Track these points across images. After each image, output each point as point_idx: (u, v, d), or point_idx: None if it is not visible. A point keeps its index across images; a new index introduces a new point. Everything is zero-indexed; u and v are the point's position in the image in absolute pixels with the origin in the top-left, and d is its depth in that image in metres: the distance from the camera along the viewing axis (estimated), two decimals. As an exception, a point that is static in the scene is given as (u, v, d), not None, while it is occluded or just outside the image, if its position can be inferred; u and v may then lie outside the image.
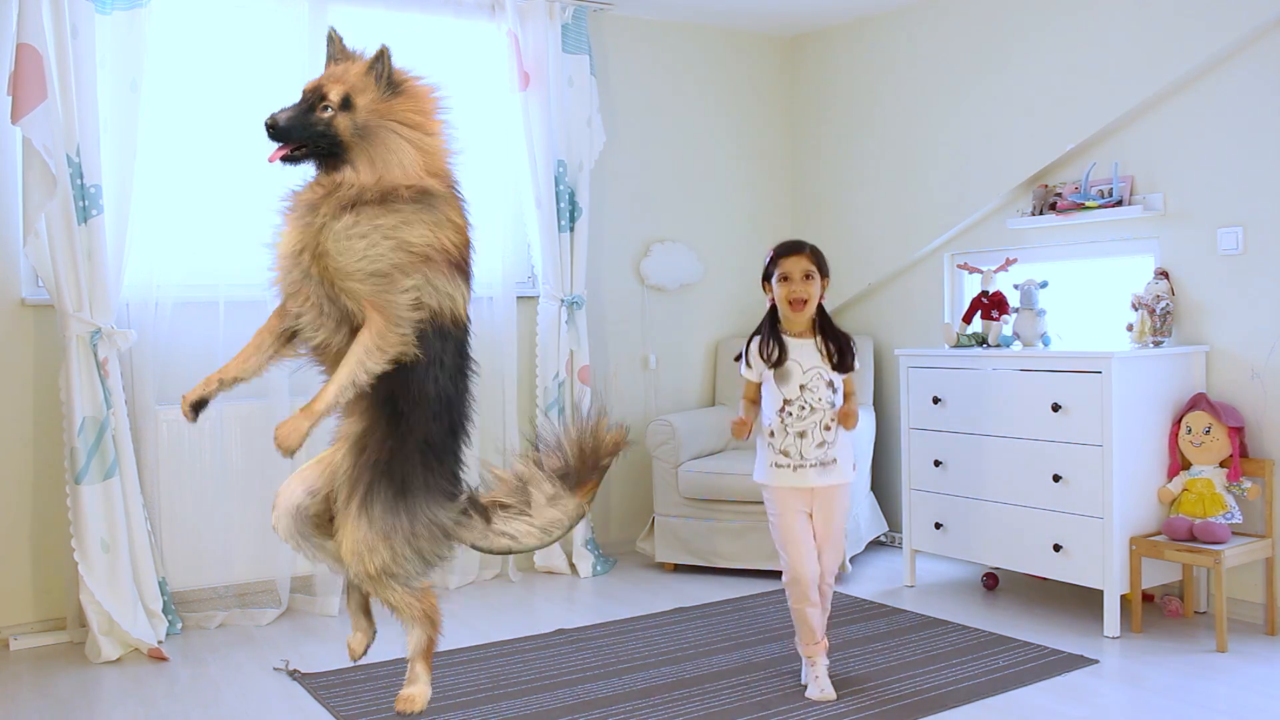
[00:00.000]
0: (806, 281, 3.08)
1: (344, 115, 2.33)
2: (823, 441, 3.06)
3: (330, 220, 2.27)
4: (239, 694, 3.23)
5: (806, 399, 3.05)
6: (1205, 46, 3.76)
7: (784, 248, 3.15)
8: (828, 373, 3.07)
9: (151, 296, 3.88)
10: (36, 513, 3.83)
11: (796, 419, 3.05)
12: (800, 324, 3.11)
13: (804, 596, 3.05)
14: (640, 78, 5.11)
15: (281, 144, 2.29)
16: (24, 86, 3.46)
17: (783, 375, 3.06)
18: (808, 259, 3.11)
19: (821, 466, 3.06)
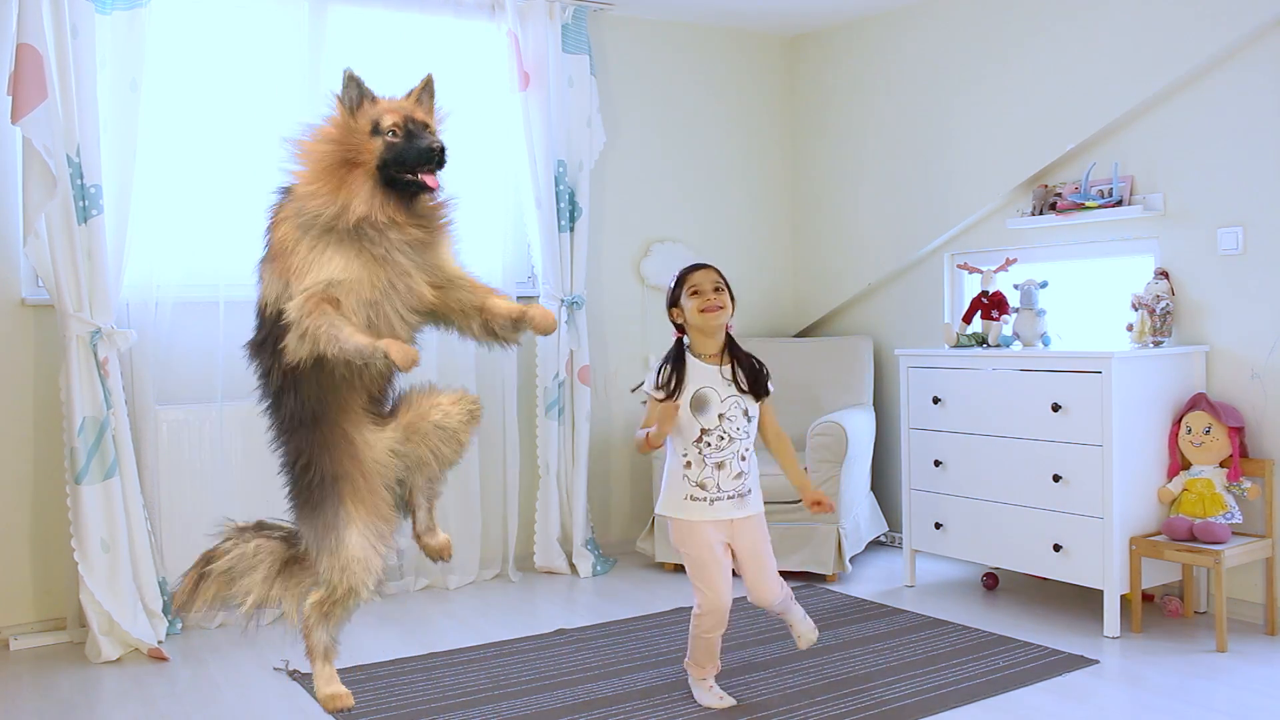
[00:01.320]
0: (717, 293, 2.96)
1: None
2: (740, 473, 2.96)
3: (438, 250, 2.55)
4: (239, 694, 3.23)
5: (725, 428, 2.94)
6: (1205, 46, 3.76)
7: (689, 267, 3.04)
8: (744, 400, 2.96)
9: (151, 296, 3.88)
10: (36, 513, 3.83)
11: (715, 449, 2.93)
12: (713, 345, 2.99)
13: (718, 625, 2.97)
14: (640, 78, 5.11)
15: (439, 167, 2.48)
16: (24, 86, 3.46)
17: (699, 403, 2.94)
18: (715, 273, 3.01)
19: (739, 498, 2.97)
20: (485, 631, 3.82)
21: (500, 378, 4.57)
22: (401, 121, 2.43)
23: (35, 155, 3.51)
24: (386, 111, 2.44)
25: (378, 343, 2.36)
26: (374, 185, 2.42)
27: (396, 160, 2.42)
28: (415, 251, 2.46)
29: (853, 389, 4.90)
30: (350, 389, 2.53)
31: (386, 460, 2.58)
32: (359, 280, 2.40)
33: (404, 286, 2.44)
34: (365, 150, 2.42)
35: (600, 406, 4.96)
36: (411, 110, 2.48)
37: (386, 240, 2.41)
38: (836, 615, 3.91)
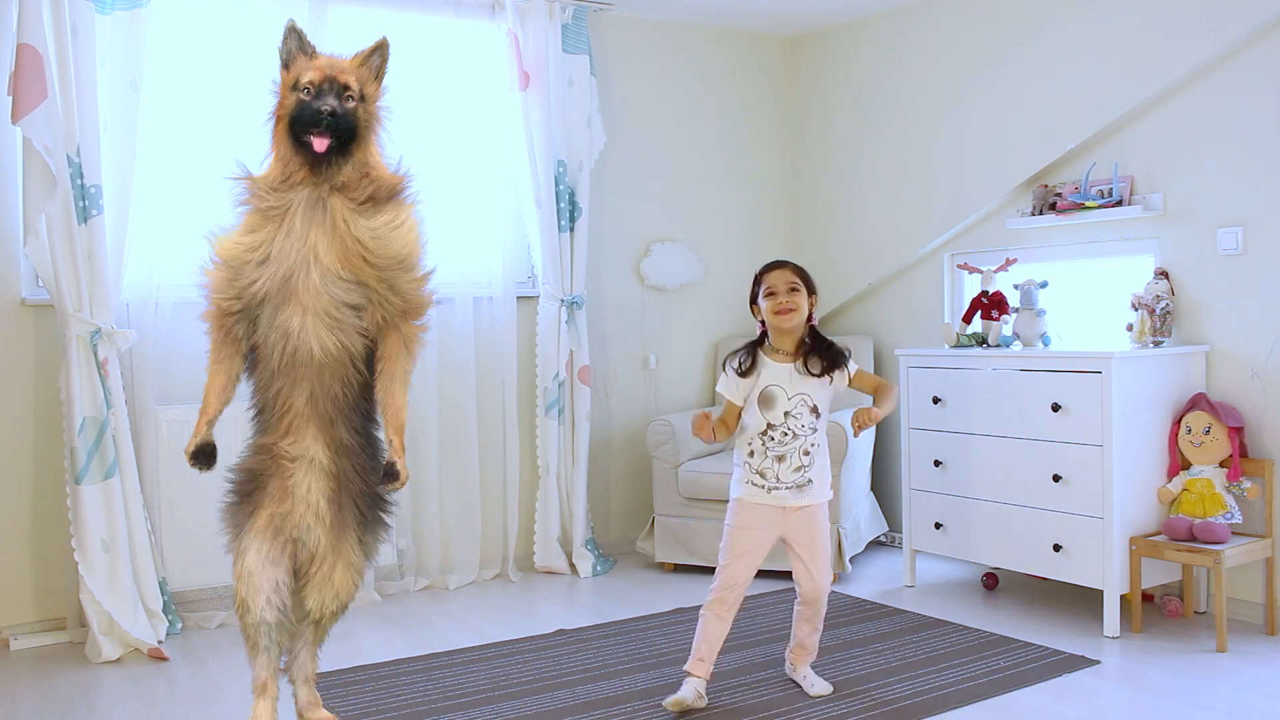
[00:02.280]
0: (792, 294, 3.03)
1: (361, 107, 2.38)
2: (800, 466, 3.02)
3: (357, 217, 2.32)
4: (239, 694, 3.23)
5: (790, 425, 3.01)
6: (1205, 46, 3.76)
7: (767, 266, 3.12)
8: (813, 399, 3.03)
9: (151, 296, 3.89)
10: (36, 513, 3.83)
11: (778, 444, 3.01)
12: (789, 343, 3.06)
13: (722, 602, 3.02)
14: (640, 78, 5.11)
15: (331, 134, 2.30)
16: (24, 86, 3.46)
17: (767, 400, 3.02)
18: (791, 271, 3.07)
19: (797, 489, 3.02)
20: (485, 632, 3.82)
21: (500, 377, 4.58)
22: (319, 80, 2.32)
23: (35, 155, 3.51)
24: (311, 68, 2.35)
25: (193, 437, 2.41)
26: (286, 142, 2.35)
27: (295, 118, 2.31)
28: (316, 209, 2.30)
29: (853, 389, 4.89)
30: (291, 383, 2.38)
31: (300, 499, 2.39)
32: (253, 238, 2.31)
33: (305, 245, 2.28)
34: (284, 105, 2.37)
35: (600, 406, 4.96)
36: (340, 71, 2.35)
37: (284, 199, 2.31)
38: (836, 615, 3.91)
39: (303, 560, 2.45)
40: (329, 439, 2.40)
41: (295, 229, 2.30)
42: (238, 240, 2.33)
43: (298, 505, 2.40)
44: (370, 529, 2.51)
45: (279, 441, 2.40)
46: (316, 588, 2.44)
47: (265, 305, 2.33)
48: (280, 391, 2.38)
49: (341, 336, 2.35)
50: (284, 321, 2.31)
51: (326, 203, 2.33)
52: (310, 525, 2.41)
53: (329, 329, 2.32)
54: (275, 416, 2.41)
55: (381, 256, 2.33)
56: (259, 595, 2.39)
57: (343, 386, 2.39)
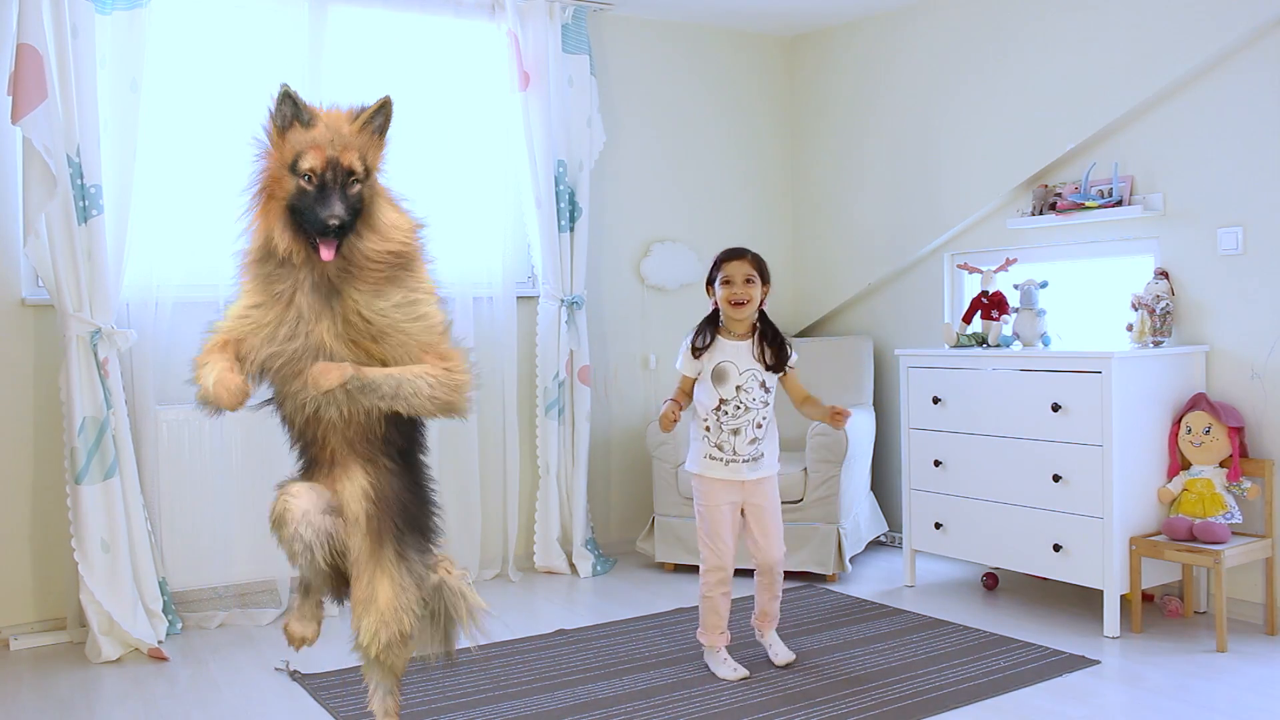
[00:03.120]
0: (747, 285, 3.23)
1: (365, 185, 2.19)
2: (755, 439, 3.24)
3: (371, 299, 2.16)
4: (239, 694, 3.23)
5: (741, 399, 3.23)
6: (1205, 46, 3.76)
7: (726, 253, 3.30)
8: (762, 374, 3.25)
9: (151, 296, 3.89)
10: (36, 513, 3.82)
11: (731, 417, 3.23)
12: (740, 327, 3.27)
13: (721, 583, 3.25)
14: (640, 78, 5.11)
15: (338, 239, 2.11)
16: (24, 86, 3.46)
17: (719, 375, 3.24)
18: (749, 264, 3.26)
19: (753, 461, 3.25)
20: (485, 631, 3.81)
21: (500, 378, 4.57)
22: (321, 166, 2.10)
23: (35, 155, 3.51)
24: (310, 149, 2.11)
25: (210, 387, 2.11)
26: (286, 223, 2.13)
27: (296, 212, 2.11)
28: (319, 294, 2.14)
29: (853, 389, 4.90)
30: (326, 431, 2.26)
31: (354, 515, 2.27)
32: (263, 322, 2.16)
33: (306, 333, 2.13)
34: (281, 186, 2.13)
35: (600, 406, 4.96)
36: (343, 148, 2.14)
37: (292, 279, 2.14)
38: (836, 615, 3.91)
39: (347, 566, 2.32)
40: (374, 468, 2.30)
41: (304, 316, 2.15)
42: (244, 315, 2.17)
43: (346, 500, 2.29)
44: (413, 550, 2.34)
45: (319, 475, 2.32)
46: (363, 610, 2.26)
47: (274, 374, 2.21)
48: (314, 439, 2.30)
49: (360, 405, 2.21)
50: (296, 392, 2.20)
51: (336, 287, 2.16)
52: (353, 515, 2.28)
53: (344, 401, 2.20)
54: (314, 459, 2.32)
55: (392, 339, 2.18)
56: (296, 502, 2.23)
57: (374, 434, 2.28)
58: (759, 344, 3.27)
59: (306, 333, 2.14)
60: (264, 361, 2.17)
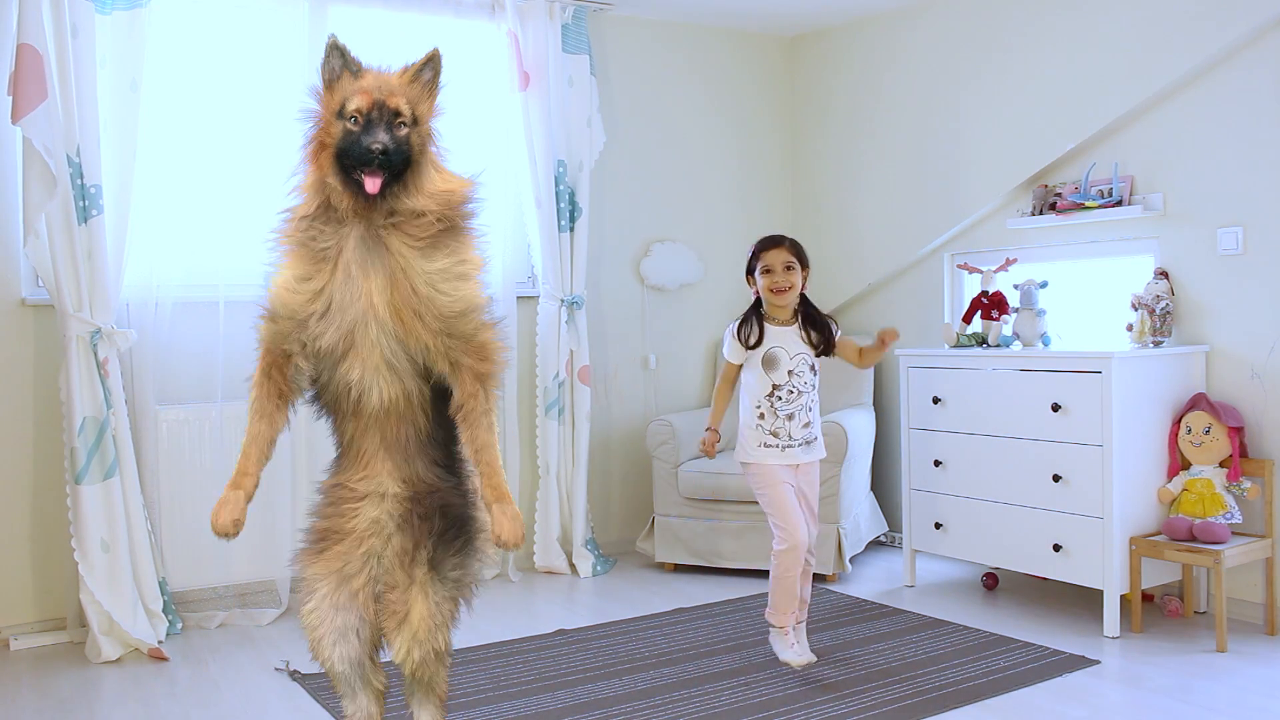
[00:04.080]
0: (788, 272, 3.27)
1: (414, 132, 2.16)
2: (808, 422, 3.31)
3: (417, 257, 2.09)
4: (239, 694, 3.23)
5: (794, 384, 3.28)
6: (1205, 46, 3.76)
7: (764, 242, 3.34)
8: (811, 357, 3.32)
9: (151, 296, 3.88)
10: (36, 513, 3.82)
11: (785, 403, 3.27)
12: (784, 313, 3.32)
13: (798, 562, 3.24)
14: (640, 78, 5.11)
15: (383, 171, 2.05)
16: (24, 86, 3.46)
17: (770, 362, 3.27)
18: (787, 251, 3.30)
19: (806, 445, 3.31)
20: (485, 631, 3.82)
21: (500, 377, 4.56)
22: (368, 107, 2.08)
23: (35, 155, 3.51)
24: (357, 92, 2.09)
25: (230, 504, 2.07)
26: (336, 172, 2.08)
27: (343, 152, 2.07)
28: (369, 251, 2.08)
29: (853, 389, 4.90)
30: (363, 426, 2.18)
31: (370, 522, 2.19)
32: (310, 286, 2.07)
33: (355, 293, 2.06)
34: (330, 133, 2.10)
35: (600, 406, 4.96)
36: (389, 93, 2.11)
37: (340, 234, 2.08)
38: (836, 615, 3.91)
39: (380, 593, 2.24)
40: (405, 475, 2.21)
41: (353, 274, 2.08)
42: (294, 289, 2.09)
43: (365, 536, 2.20)
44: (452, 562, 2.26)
45: (352, 478, 2.22)
46: (398, 629, 2.22)
47: (327, 358, 2.13)
48: (354, 435, 2.21)
49: (404, 385, 2.15)
50: (344, 372, 2.13)
51: (384, 242, 2.09)
52: (381, 549, 2.20)
53: (389, 381, 2.13)
54: (351, 457, 2.23)
55: (436, 313, 2.12)
56: (325, 641, 2.20)
57: (413, 429, 2.21)
58: (804, 328, 3.32)
59: (356, 298, 2.07)
60: (321, 345, 2.10)
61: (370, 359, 2.10)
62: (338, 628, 2.20)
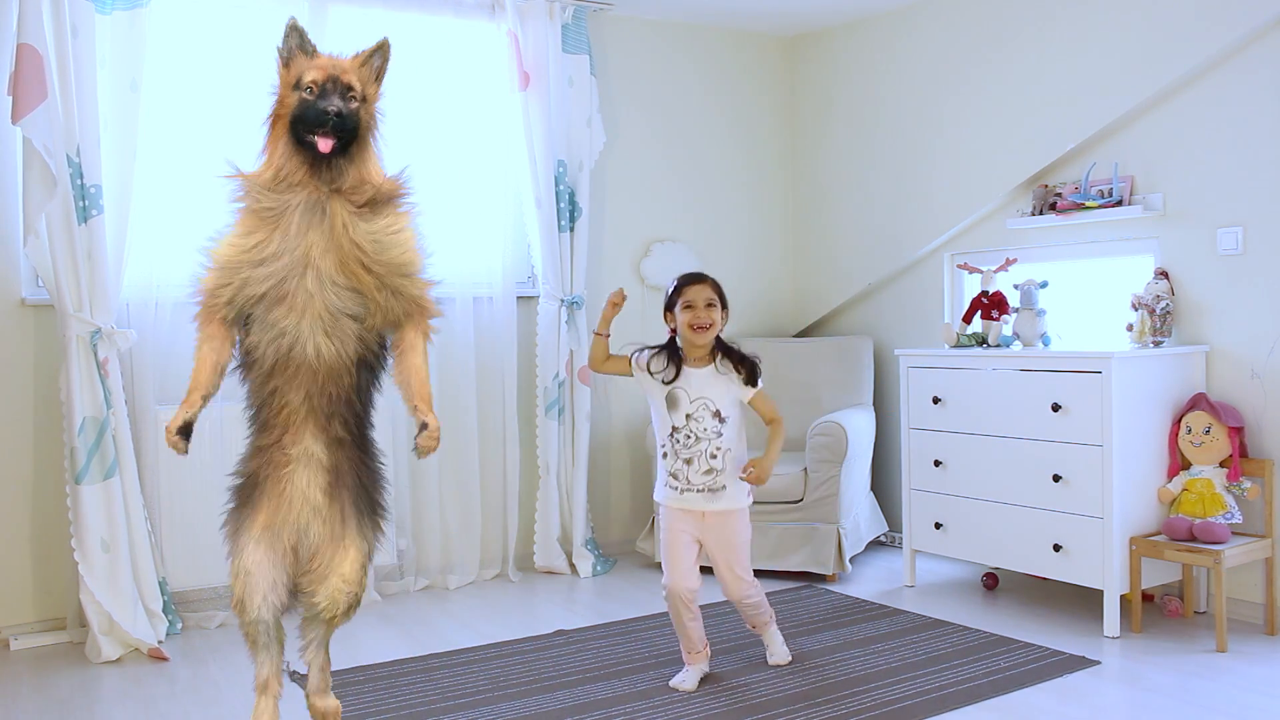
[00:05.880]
0: (709, 309, 3.15)
1: (363, 108, 2.36)
2: (710, 469, 3.14)
3: (357, 220, 2.30)
4: (239, 694, 3.23)
5: (691, 428, 3.14)
6: (1205, 46, 3.76)
7: (686, 278, 3.22)
8: (715, 403, 3.14)
9: (151, 296, 3.89)
10: (36, 513, 3.83)
11: (683, 446, 3.15)
12: (699, 351, 3.18)
13: (682, 608, 3.16)
14: (640, 78, 5.11)
15: (336, 135, 2.27)
16: (24, 86, 3.46)
17: (672, 402, 3.16)
18: (710, 288, 3.18)
19: (710, 492, 3.14)
20: (485, 632, 3.82)
21: (500, 377, 4.58)
22: (322, 79, 2.30)
23: (35, 155, 3.51)
24: (313, 67, 2.32)
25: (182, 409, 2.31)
26: (288, 142, 2.32)
27: (298, 118, 2.28)
28: (315, 213, 2.28)
29: (853, 389, 4.90)
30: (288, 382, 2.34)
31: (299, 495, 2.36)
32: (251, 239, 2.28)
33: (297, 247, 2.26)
34: (285, 104, 2.33)
35: (600, 406, 4.96)
36: (343, 71, 2.33)
37: (282, 201, 2.28)
38: (836, 616, 3.91)
39: (304, 558, 2.43)
40: (327, 436, 2.38)
41: (292, 231, 2.27)
42: (234, 243, 2.31)
43: (295, 502, 2.37)
44: (368, 520, 2.47)
45: (278, 441, 2.37)
46: (322, 582, 2.41)
47: (258, 304, 2.30)
48: (276, 390, 2.35)
49: (339, 343, 2.32)
50: (275, 320, 2.28)
51: (326, 205, 2.30)
52: (309, 521, 2.38)
53: (325, 335, 2.30)
54: (272, 414, 2.37)
55: (380, 262, 2.31)
56: (255, 594, 2.38)
57: (337, 388, 2.37)
58: (726, 364, 3.16)
59: (293, 249, 2.26)
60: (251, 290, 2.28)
61: (308, 310, 2.28)
62: (270, 581, 2.38)
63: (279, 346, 2.30)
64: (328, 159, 2.29)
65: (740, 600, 3.26)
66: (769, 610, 3.36)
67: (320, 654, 2.59)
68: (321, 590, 2.40)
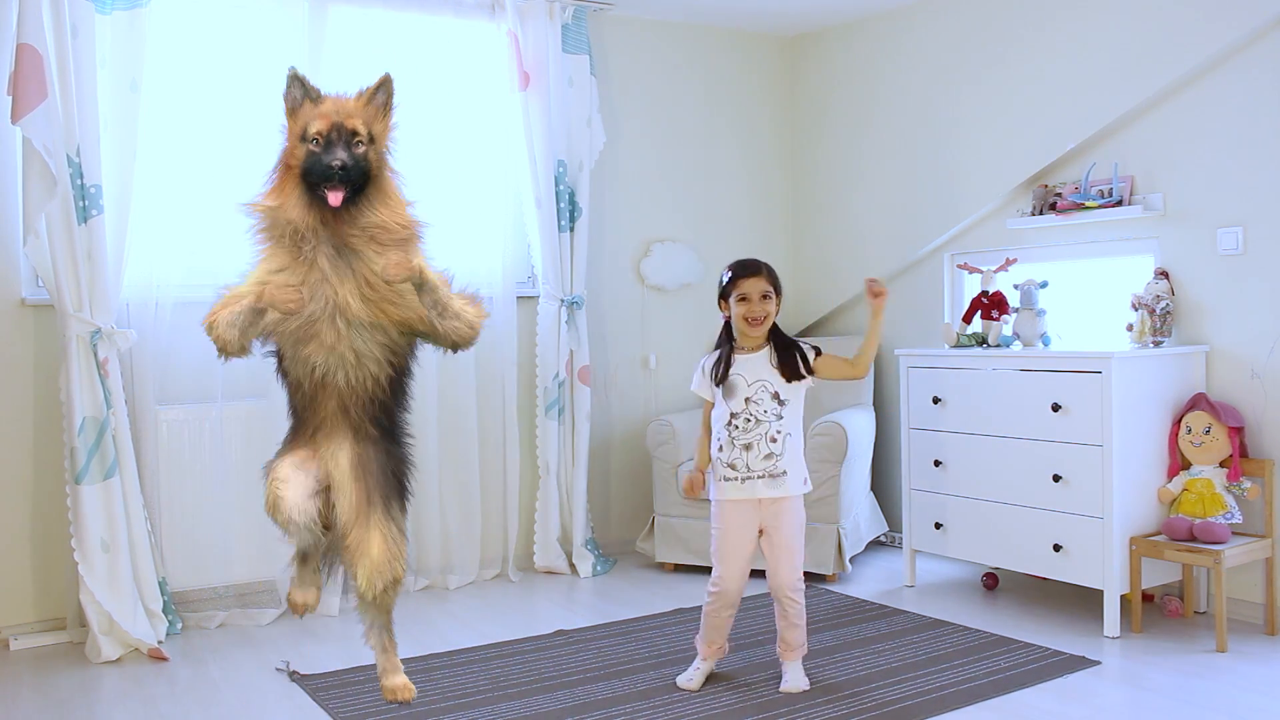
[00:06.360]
0: (764, 301, 3.14)
1: (372, 149, 2.38)
2: (770, 454, 3.11)
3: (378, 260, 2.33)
4: (239, 694, 3.23)
5: (752, 411, 3.12)
6: (1205, 46, 3.76)
7: (742, 268, 3.19)
8: (774, 384, 3.13)
9: (151, 296, 3.88)
10: (36, 513, 3.82)
11: (743, 431, 3.12)
12: (755, 340, 3.18)
13: (726, 606, 3.17)
14: (640, 78, 5.11)
15: (344, 185, 2.29)
16: (24, 86, 3.46)
17: (729, 390, 3.14)
18: (765, 280, 3.16)
19: (770, 479, 3.11)
20: (485, 632, 3.82)
21: (500, 377, 4.57)
22: (326, 129, 2.33)
23: (35, 155, 3.50)
24: (317, 117, 2.35)
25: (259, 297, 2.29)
26: (302, 191, 2.34)
27: (307, 171, 2.33)
28: (341, 257, 2.33)
29: (853, 389, 4.90)
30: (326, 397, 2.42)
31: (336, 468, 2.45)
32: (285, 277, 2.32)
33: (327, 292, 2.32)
34: (294, 155, 2.37)
35: (600, 406, 4.96)
36: (346, 116, 2.36)
37: (311, 243, 2.33)
38: (836, 616, 3.91)
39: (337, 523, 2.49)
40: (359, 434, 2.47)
41: (327, 276, 2.31)
42: (266, 279, 2.32)
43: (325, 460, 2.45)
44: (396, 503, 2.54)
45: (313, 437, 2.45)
46: (359, 563, 2.46)
47: (285, 339, 2.36)
48: (314, 398, 2.43)
49: (367, 369, 2.40)
50: (306, 356, 2.36)
51: (355, 251, 2.34)
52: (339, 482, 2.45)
53: (354, 367, 2.38)
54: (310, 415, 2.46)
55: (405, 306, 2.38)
56: (287, 490, 2.40)
57: (371, 399, 2.45)
58: (774, 353, 3.16)
59: (327, 296, 2.31)
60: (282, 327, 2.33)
61: (336, 348, 2.35)
62: (302, 489, 2.41)
63: (313, 377, 2.39)
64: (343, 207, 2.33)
65: (789, 592, 3.16)
66: (804, 627, 3.22)
67: (380, 637, 2.65)
68: (360, 573, 2.47)
